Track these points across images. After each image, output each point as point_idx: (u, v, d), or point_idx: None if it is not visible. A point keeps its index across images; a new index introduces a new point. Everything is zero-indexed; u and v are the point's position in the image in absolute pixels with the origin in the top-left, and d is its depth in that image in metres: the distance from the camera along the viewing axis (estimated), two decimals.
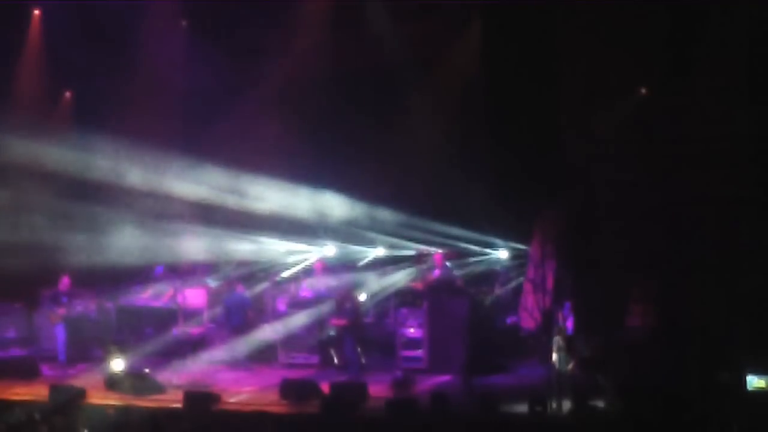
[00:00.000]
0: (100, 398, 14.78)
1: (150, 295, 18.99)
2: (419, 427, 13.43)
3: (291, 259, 19.92)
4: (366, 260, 19.92)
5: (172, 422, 13.36)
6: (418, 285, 17.96)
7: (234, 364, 17.24)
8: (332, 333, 17.31)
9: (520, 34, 17.74)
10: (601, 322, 15.64)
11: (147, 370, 15.78)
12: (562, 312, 14.83)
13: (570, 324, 15.07)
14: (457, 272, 18.43)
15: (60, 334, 17.70)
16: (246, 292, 18.23)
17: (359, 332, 16.67)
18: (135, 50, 19.82)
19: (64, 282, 17.99)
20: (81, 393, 14.63)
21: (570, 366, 14.25)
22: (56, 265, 18.24)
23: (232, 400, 14.66)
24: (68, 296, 17.94)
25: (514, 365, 16.91)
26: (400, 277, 18.79)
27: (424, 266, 18.62)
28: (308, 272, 19.39)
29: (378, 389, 15.01)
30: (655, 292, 15.91)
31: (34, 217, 19.02)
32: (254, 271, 19.41)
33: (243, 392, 15.29)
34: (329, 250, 20.03)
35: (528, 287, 17.47)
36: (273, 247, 19.95)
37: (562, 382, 13.99)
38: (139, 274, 19.14)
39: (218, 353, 17.66)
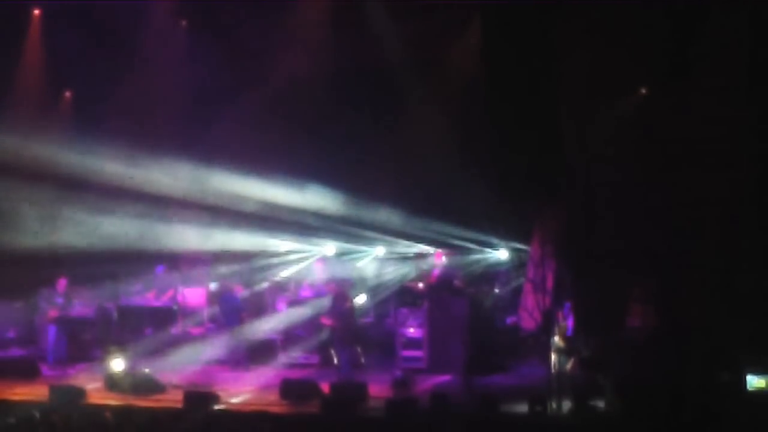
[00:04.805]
0: (100, 398, 14.78)
1: (150, 295, 19.02)
2: (419, 427, 13.42)
3: (291, 258, 19.96)
4: (366, 259, 19.94)
5: (172, 422, 13.36)
6: (418, 285, 17.95)
7: (234, 364, 17.22)
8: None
9: (520, 33, 17.72)
10: (601, 322, 15.63)
11: (147, 370, 15.77)
12: (562, 312, 14.83)
13: (570, 324, 15.08)
14: (457, 271, 18.43)
15: (51, 334, 17.63)
16: (240, 294, 18.21)
17: (350, 333, 16.55)
18: (135, 50, 19.82)
19: (61, 284, 17.92)
20: (81, 393, 14.64)
21: (570, 366, 14.24)
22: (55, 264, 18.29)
23: (232, 400, 14.65)
24: (64, 298, 17.88)
25: (514, 365, 16.92)
26: (400, 276, 18.82)
27: (424, 266, 18.60)
28: (308, 271, 19.40)
29: (378, 389, 15.00)
30: (655, 292, 15.90)
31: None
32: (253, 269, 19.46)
33: (243, 392, 15.28)
34: (329, 249, 20.04)
35: (528, 287, 17.45)
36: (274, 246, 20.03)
37: (562, 382, 14.00)
38: (139, 273, 19.18)
39: (218, 353, 17.69)
